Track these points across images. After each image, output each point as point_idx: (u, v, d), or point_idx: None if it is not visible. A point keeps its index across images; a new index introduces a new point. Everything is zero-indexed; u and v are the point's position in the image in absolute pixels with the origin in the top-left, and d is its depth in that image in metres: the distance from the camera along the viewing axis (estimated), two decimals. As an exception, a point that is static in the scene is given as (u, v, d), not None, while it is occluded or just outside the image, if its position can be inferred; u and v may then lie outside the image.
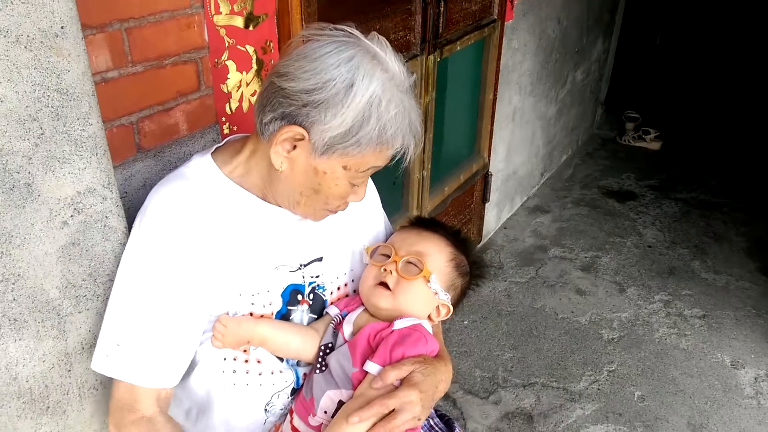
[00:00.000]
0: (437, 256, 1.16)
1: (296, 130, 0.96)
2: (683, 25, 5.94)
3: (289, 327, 1.12)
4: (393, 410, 1.02)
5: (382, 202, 1.36)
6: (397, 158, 1.05)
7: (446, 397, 2.40)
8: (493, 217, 3.43)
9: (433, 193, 2.66)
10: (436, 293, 1.14)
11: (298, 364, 1.16)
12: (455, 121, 2.80)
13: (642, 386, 2.49)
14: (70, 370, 1.07)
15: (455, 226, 2.95)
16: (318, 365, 1.11)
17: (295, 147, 0.99)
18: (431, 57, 2.29)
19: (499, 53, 2.83)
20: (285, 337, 1.10)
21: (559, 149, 4.18)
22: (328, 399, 1.08)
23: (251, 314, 1.09)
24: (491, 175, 3.17)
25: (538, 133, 3.69)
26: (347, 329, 1.12)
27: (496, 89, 2.90)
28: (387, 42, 0.99)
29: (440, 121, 2.62)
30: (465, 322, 2.79)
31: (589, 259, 3.30)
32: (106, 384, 1.14)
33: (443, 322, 1.27)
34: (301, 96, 0.94)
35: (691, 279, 3.16)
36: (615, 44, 4.61)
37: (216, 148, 1.12)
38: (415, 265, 1.13)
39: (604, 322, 2.85)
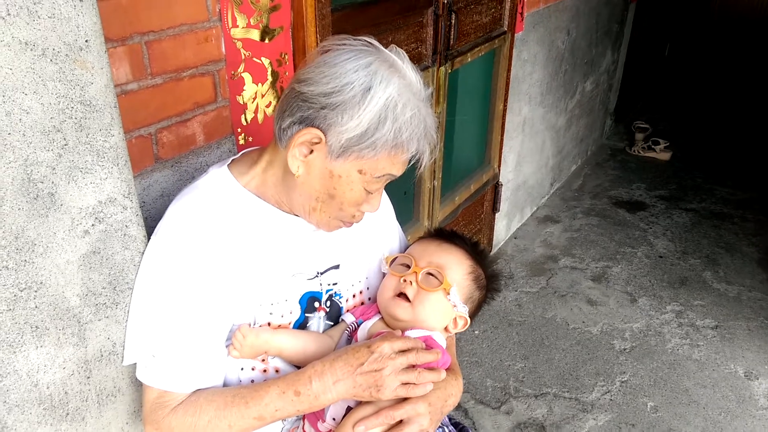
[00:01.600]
0: (457, 268, 1.16)
1: (314, 133, 0.98)
2: (692, 36, 5.95)
3: (306, 336, 1.13)
4: (400, 421, 1.03)
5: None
6: (411, 164, 1.06)
7: (458, 407, 2.40)
8: (503, 227, 3.44)
9: (443, 202, 2.67)
10: (454, 306, 1.15)
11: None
12: (466, 132, 2.81)
13: (655, 397, 2.48)
14: (89, 377, 1.08)
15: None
16: None
17: (312, 151, 1.00)
18: (442, 68, 2.31)
19: (510, 64, 2.85)
20: (302, 346, 1.11)
21: (568, 159, 4.18)
22: (337, 405, 1.08)
23: (269, 324, 1.10)
24: (501, 185, 3.18)
25: (547, 143, 3.70)
26: (362, 337, 1.13)
27: (506, 100, 2.92)
28: (405, 53, 1.01)
29: (451, 132, 2.64)
30: (476, 332, 2.79)
31: (599, 270, 3.29)
32: (125, 391, 1.16)
33: (455, 331, 1.28)
34: (320, 99, 0.96)
35: (702, 289, 3.15)
36: (624, 55, 4.62)
37: (232, 160, 1.14)
38: (435, 277, 1.14)
39: (616, 332, 2.84)
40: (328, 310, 1.17)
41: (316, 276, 1.14)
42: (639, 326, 2.88)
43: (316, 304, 1.15)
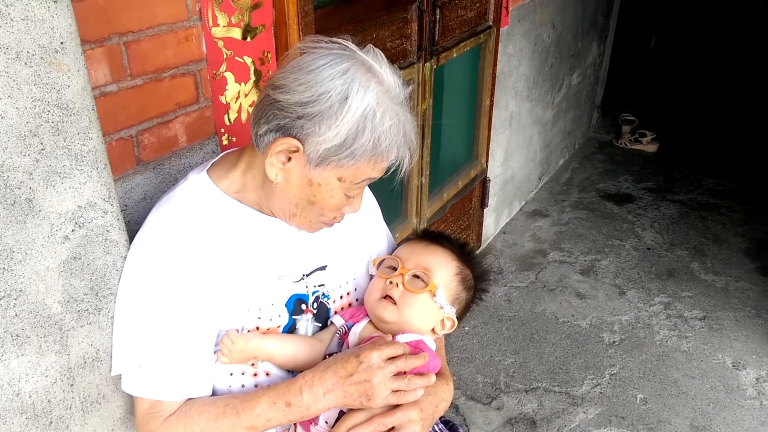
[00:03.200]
0: (444, 270, 1.16)
1: (291, 142, 0.96)
2: (677, 28, 5.97)
3: (295, 340, 1.12)
4: (392, 428, 1.03)
5: (380, 209, 1.36)
6: (392, 170, 1.05)
7: (449, 403, 2.40)
8: (492, 222, 3.44)
9: (431, 199, 2.66)
10: (441, 307, 1.15)
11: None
12: (453, 128, 2.81)
13: (644, 389, 2.49)
14: (72, 385, 1.07)
15: (456, 233, 2.95)
16: None
17: (290, 159, 0.99)
18: (428, 64, 2.30)
19: (495, 59, 2.84)
20: (291, 351, 1.10)
21: (556, 153, 4.19)
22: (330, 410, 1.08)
23: (257, 329, 1.09)
24: (489, 180, 3.17)
25: (535, 137, 3.70)
26: (353, 341, 1.12)
27: (492, 95, 2.91)
28: (382, 54, 1.00)
29: (438, 128, 2.63)
30: (466, 328, 2.79)
31: (588, 263, 3.30)
32: (110, 398, 1.14)
33: (444, 330, 1.27)
34: (296, 108, 0.95)
35: (690, 281, 3.16)
36: (610, 48, 4.62)
37: (212, 164, 1.12)
38: (422, 279, 1.14)
39: (605, 325, 2.85)
40: (315, 312, 1.16)
41: (302, 278, 1.13)
42: (628, 319, 2.89)
43: (303, 306, 1.14)
